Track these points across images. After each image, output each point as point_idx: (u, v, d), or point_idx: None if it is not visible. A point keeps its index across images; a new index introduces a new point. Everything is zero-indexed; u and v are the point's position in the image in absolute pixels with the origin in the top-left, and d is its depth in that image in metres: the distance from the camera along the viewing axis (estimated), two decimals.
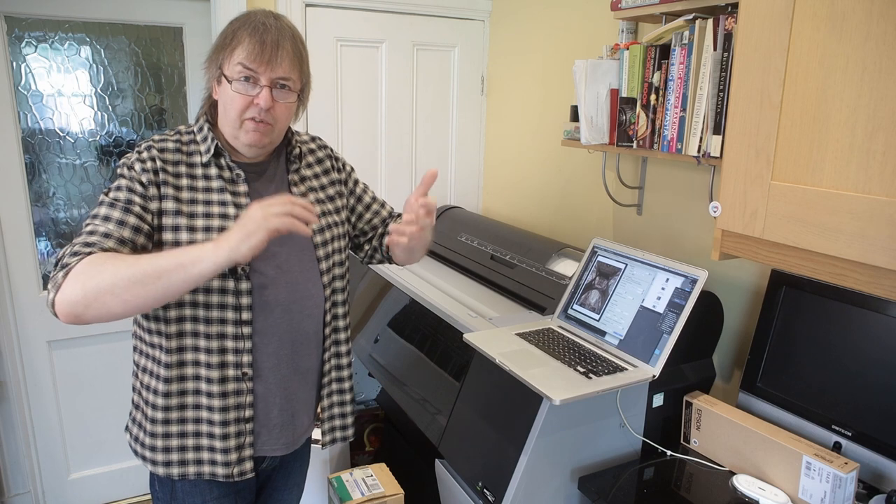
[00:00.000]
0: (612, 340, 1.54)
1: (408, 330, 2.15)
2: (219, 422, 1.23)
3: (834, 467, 1.27)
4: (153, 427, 1.23)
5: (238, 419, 1.24)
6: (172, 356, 1.20)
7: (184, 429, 1.24)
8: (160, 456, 1.24)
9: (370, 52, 2.51)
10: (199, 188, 1.21)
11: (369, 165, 2.62)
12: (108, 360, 2.39)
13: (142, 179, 1.16)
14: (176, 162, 1.21)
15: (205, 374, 1.22)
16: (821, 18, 1.03)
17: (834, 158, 1.03)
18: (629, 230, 2.08)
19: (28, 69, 2.13)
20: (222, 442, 1.23)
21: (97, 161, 2.28)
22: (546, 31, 2.37)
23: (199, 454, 1.25)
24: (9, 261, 2.18)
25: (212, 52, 1.21)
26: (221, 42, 1.19)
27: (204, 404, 1.23)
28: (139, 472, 2.53)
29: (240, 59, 1.15)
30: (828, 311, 1.43)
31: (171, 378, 1.21)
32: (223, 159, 1.24)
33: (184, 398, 1.23)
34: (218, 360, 1.22)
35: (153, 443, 1.24)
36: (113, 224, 1.12)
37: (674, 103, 1.56)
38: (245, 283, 1.21)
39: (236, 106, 1.17)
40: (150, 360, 1.24)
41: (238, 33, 1.16)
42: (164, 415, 1.22)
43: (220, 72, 1.18)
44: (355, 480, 1.93)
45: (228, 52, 1.17)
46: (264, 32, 1.15)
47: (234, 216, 1.21)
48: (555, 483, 1.48)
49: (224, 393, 1.23)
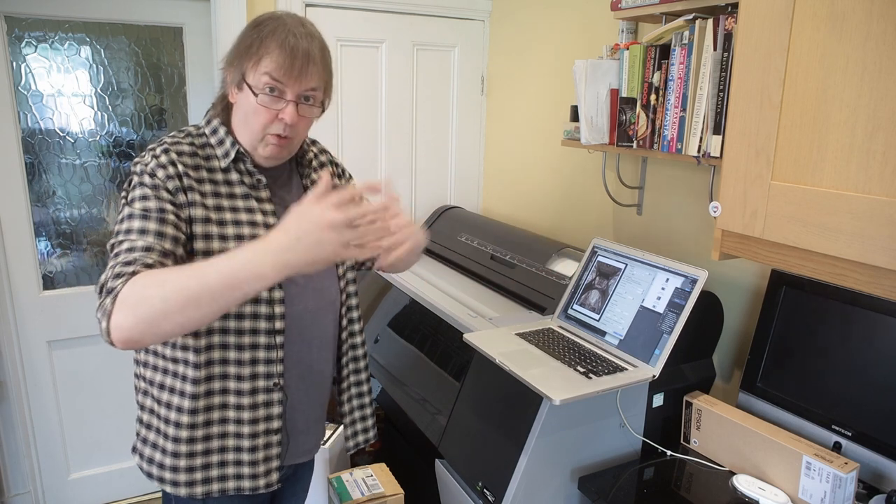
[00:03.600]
0: (612, 340, 1.54)
1: (408, 330, 2.15)
2: (248, 434, 1.18)
3: (834, 467, 1.27)
4: (176, 446, 1.16)
5: (267, 430, 1.20)
6: (201, 371, 1.14)
7: (209, 446, 1.18)
8: (183, 476, 1.17)
9: (370, 52, 2.51)
10: (222, 194, 1.16)
11: (369, 166, 2.62)
12: (108, 360, 2.39)
13: (168, 186, 1.09)
14: (196, 166, 1.14)
15: (234, 387, 1.17)
16: (821, 18, 1.03)
17: (834, 158, 1.03)
18: (629, 230, 2.08)
19: (28, 69, 2.12)
20: (250, 455, 1.19)
21: (97, 161, 2.28)
22: (546, 31, 2.37)
23: (223, 470, 1.19)
24: (9, 261, 2.18)
25: (233, 55, 1.15)
26: (246, 47, 1.12)
27: (231, 418, 1.18)
28: (139, 472, 2.53)
29: (267, 69, 1.09)
30: (828, 311, 1.43)
31: (199, 394, 1.15)
32: (243, 164, 1.19)
33: (210, 414, 1.17)
34: (249, 372, 1.17)
35: (175, 463, 1.17)
36: (152, 237, 1.05)
37: (674, 103, 1.56)
38: (278, 291, 1.18)
39: (260, 120, 1.13)
40: (170, 376, 1.16)
41: (267, 42, 1.09)
42: (190, 433, 1.16)
43: (243, 79, 1.12)
44: (355, 480, 1.93)
45: (255, 60, 1.10)
46: (295, 44, 1.09)
47: (263, 223, 1.16)
48: (555, 483, 1.48)
49: (254, 405, 1.18)
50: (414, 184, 2.73)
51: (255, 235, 1.14)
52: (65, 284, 2.31)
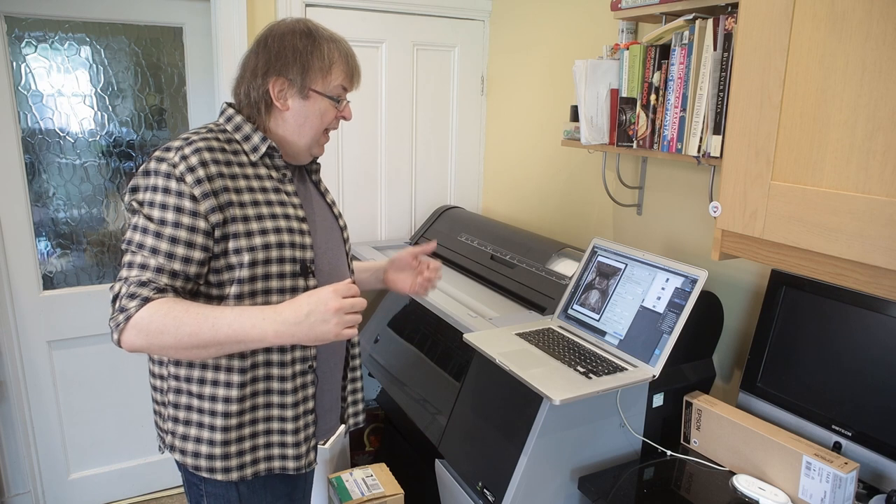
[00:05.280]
0: (612, 340, 1.54)
1: (408, 330, 2.15)
2: (291, 417, 1.24)
3: (834, 467, 1.27)
4: (226, 435, 1.19)
5: (306, 411, 1.27)
6: (247, 360, 1.19)
7: (255, 429, 1.23)
8: (235, 461, 1.21)
9: (370, 52, 2.51)
10: (255, 189, 1.19)
11: (369, 166, 2.62)
12: (108, 360, 2.39)
13: (194, 193, 1.09)
14: (227, 162, 1.16)
15: (277, 373, 1.22)
16: (821, 18, 1.03)
17: (834, 158, 1.03)
18: (629, 230, 2.08)
19: (28, 69, 2.13)
20: (294, 436, 1.25)
21: (97, 161, 2.28)
22: (546, 31, 2.37)
23: (270, 450, 1.25)
24: (9, 261, 2.18)
25: (288, 66, 1.19)
26: (307, 59, 1.19)
27: (276, 402, 1.23)
28: (139, 472, 2.53)
29: (339, 79, 1.23)
30: (828, 311, 1.43)
31: (246, 382, 1.19)
32: (271, 160, 1.23)
33: (255, 399, 1.22)
34: (290, 357, 1.23)
35: (227, 450, 1.20)
36: (162, 257, 1.09)
37: (674, 103, 1.56)
38: (313, 279, 1.24)
39: (325, 121, 1.25)
40: (211, 370, 1.19)
41: (329, 52, 1.21)
42: (239, 419, 1.20)
43: (310, 89, 1.21)
44: (355, 480, 1.93)
45: (324, 71, 1.21)
46: (349, 51, 1.25)
47: (294, 216, 1.22)
48: (555, 483, 1.48)
49: (295, 388, 1.24)
50: (414, 184, 2.73)
51: (291, 228, 1.20)
52: (65, 284, 2.31)
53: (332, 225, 1.36)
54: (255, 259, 1.15)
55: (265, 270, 1.16)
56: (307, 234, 1.22)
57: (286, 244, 1.18)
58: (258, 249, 1.15)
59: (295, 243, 1.20)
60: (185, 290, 1.13)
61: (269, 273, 1.17)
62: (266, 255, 1.16)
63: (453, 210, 2.62)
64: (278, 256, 1.17)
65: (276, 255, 1.17)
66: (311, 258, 1.22)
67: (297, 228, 1.21)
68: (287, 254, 1.18)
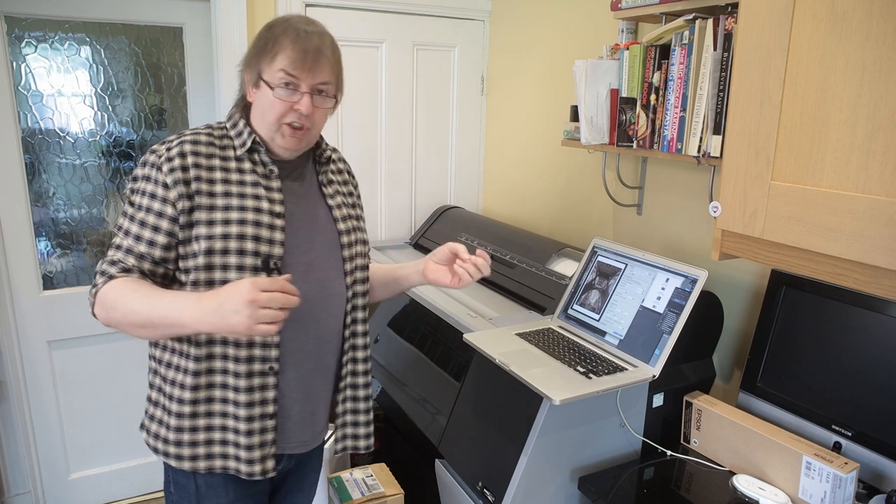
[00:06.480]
0: (612, 340, 1.54)
1: (408, 330, 2.15)
2: (244, 417, 1.22)
3: (834, 467, 1.27)
4: (179, 421, 1.22)
5: (263, 415, 1.24)
6: (202, 349, 1.20)
7: (211, 422, 1.23)
8: (187, 450, 1.22)
9: (370, 52, 2.51)
10: (232, 181, 1.21)
11: (369, 165, 2.62)
12: (108, 360, 2.39)
13: (166, 181, 1.16)
14: (209, 155, 1.21)
15: (232, 368, 1.21)
16: (821, 18, 1.03)
17: (834, 158, 1.03)
18: (629, 230, 2.08)
19: (28, 69, 2.12)
20: (246, 438, 1.22)
21: (97, 161, 2.28)
22: (546, 31, 2.37)
23: (225, 448, 1.24)
24: (9, 261, 2.18)
25: (249, 57, 1.23)
26: (261, 47, 1.20)
27: (231, 398, 1.22)
28: (139, 472, 2.53)
29: (282, 65, 1.17)
30: (828, 311, 1.43)
31: (200, 371, 1.20)
32: (258, 154, 1.25)
33: (212, 391, 1.22)
34: (246, 354, 1.21)
35: (179, 437, 1.22)
36: (131, 239, 1.17)
37: (674, 103, 1.56)
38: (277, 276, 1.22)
39: (276, 111, 1.19)
40: (175, 354, 1.23)
41: (280, 40, 1.18)
42: (192, 408, 1.21)
43: (259, 77, 1.20)
44: (355, 480, 1.93)
45: (269, 58, 1.18)
46: (306, 40, 1.17)
47: (268, 210, 1.21)
48: (555, 483, 1.48)
49: (250, 388, 1.22)
50: (414, 184, 2.73)
51: (259, 221, 1.20)
52: (65, 284, 2.31)
53: (325, 226, 1.32)
54: (212, 248, 1.16)
55: (223, 261, 1.17)
56: (279, 230, 1.21)
57: (248, 236, 1.18)
58: (216, 238, 1.16)
59: (260, 237, 1.19)
60: (157, 274, 1.18)
61: (227, 264, 1.17)
62: (224, 245, 1.17)
63: (453, 210, 2.62)
64: (237, 248, 1.17)
65: (236, 245, 1.17)
66: (278, 254, 1.21)
67: (266, 223, 1.20)
68: (248, 246, 1.18)
